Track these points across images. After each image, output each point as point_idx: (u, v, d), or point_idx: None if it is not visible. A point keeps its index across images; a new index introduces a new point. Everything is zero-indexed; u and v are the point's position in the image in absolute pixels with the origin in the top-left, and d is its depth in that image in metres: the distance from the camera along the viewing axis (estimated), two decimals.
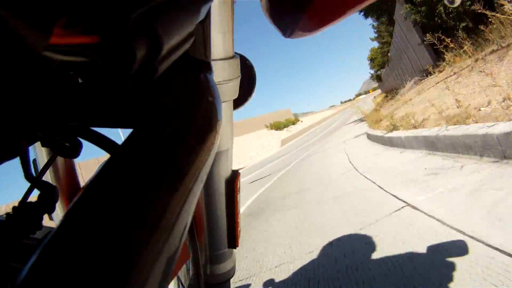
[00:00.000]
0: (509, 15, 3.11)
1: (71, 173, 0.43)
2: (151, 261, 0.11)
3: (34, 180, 0.21)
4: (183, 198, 0.14)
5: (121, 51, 0.11)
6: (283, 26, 0.21)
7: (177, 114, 0.15)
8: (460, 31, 4.96)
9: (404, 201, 1.42)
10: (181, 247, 0.14)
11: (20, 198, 0.21)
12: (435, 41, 3.84)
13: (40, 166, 0.41)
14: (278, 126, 30.01)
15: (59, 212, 0.43)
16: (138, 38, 0.11)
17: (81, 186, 0.42)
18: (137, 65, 0.11)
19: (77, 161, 0.42)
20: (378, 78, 27.83)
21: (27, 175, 0.21)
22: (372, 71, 28.53)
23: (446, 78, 4.28)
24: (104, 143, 0.21)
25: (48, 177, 0.41)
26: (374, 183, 1.99)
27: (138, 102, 0.17)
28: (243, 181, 5.08)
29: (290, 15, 0.19)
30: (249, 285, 1.28)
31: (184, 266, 0.52)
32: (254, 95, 0.53)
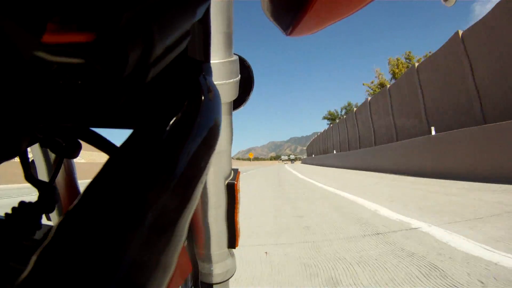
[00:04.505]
0: None
1: (69, 173, 0.42)
2: (150, 263, 0.11)
3: (34, 180, 0.21)
4: (183, 199, 0.14)
5: (115, 50, 0.11)
6: (283, 24, 0.21)
7: (177, 115, 0.15)
8: None
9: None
10: (183, 251, 0.14)
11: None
12: None
13: (38, 166, 0.41)
14: None
15: (56, 212, 0.43)
16: (132, 37, 0.11)
17: (79, 186, 0.42)
18: (131, 64, 0.11)
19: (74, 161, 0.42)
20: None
21: (27, 175, 0.21)
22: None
23: None
24: (103, 144, 0.21)
25: (45, 176, 0.40)
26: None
27: (138, 103, 0.17)
28: None
29: (290, 13, 0.19)
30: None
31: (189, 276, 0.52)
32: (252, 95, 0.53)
